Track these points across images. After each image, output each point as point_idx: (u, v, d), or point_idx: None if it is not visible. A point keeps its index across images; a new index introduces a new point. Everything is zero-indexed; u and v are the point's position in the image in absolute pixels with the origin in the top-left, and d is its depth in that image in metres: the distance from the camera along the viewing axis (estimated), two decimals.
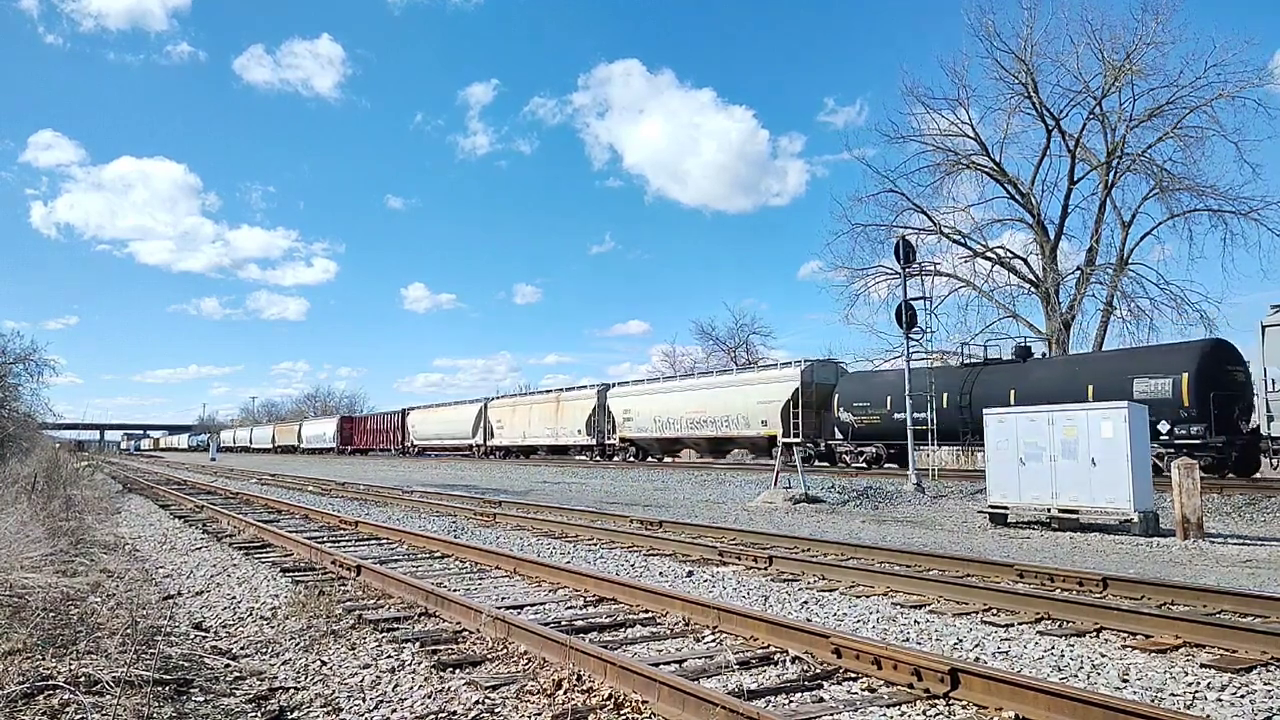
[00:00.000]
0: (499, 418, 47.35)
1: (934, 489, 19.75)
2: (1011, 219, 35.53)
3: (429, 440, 56.15)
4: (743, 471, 26.86)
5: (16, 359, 42.53)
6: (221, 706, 4.91)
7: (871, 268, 35.80)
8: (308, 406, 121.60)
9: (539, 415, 43.60)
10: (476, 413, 49.64)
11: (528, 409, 45.13)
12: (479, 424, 49.19)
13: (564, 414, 41.42)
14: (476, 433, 49.31)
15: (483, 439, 48.79)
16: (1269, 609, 6.89)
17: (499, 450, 47.45)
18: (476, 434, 49.29)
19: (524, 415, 45.09)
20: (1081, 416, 13.74)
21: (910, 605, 7.48)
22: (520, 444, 45.30)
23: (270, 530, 13.13)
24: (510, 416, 46.38)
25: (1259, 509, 15.22)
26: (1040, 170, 33.90)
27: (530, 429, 44.06)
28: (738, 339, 56.71)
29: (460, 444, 51.69)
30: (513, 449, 46.18)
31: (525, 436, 44.58)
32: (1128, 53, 30.61)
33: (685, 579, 9.01)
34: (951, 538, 13.15)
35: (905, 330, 20.94)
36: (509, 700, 4.76)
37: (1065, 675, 5.28)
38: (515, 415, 45.92)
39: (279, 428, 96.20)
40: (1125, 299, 31.81)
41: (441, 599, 7.16)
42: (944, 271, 35.35)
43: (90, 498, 21.16)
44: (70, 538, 11.82)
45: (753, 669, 5.40)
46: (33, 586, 7.51)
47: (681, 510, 17.82)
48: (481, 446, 49.07)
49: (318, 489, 26.04)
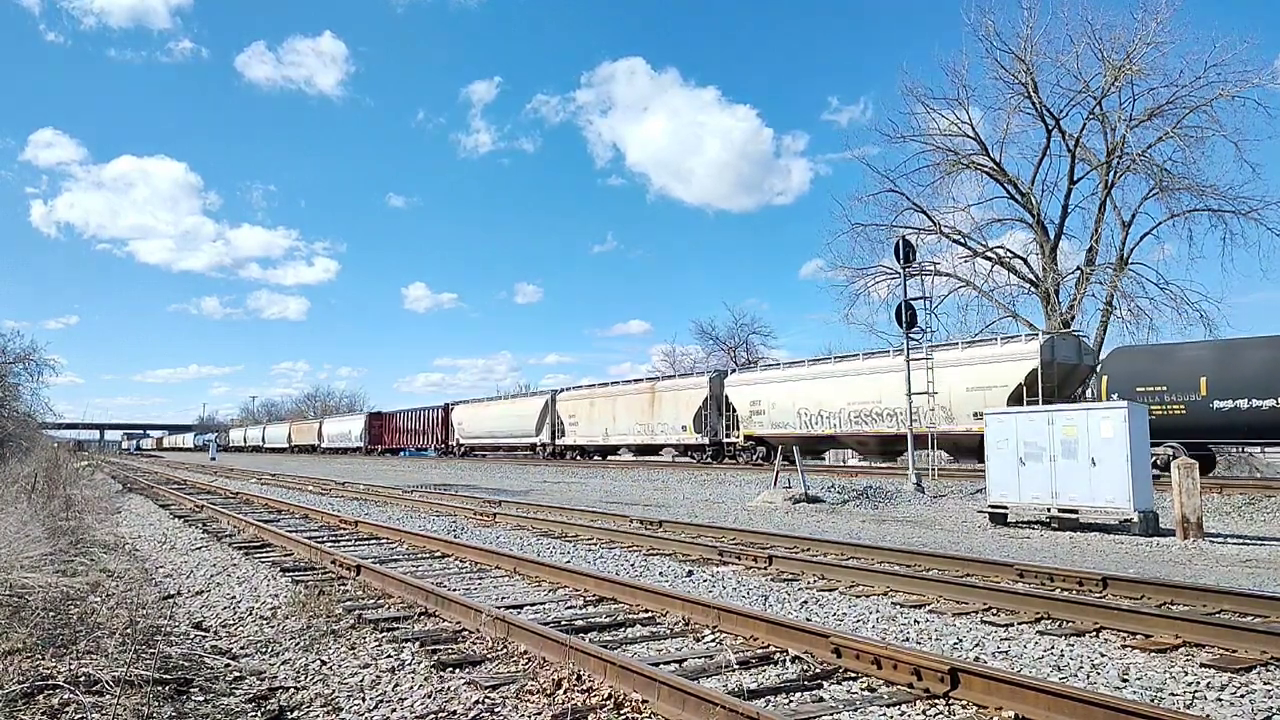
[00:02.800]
0: (572, 412, 40.68)
1: (934, 489, 19.75)
2: (1011, 219, 35.57)
3: (479, 439, 49.97)
4: (742, 471, 26.85)
5: (16, 359, 42.65)
6: (221, 706, 4.92)
7: (872, 267, 35.81)
8: (307, 406, 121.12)
9: (627, 409, 36.83)
10: (542, 407, 43.10)
11: (610, 402, 38.28)
12: (545, 420, 42.72)
13: (661, 407, 34.75)
14: (541, 430, 42.92)
15: (549, 437, 42.35)
16: (1269, 609, 6.89)
17: (572, 450, 41.04)
18: (541, 431, 42.93)
19: (605, 409, 38.30)
20: (1081, 416, 13.74)
21: (910, 605, 7.48)
22: (600, 443, 38.67)
23: (270, 530, 13.13)
24: (587, 411, 39.65)
25: (1259, 509, 15.22)
26: (1040, 170, 33.94)
27: (615, 425, 37.39)
28: (737, 339, 56.62)
29: (520, 443, 45.44)
30: (589, 449, 39.96)
31: (608, 434, 37.87)
32: (1128, 52, 30.63)
33: (685, 579, 9.01)
34: (951, 537, 13.15)
35: (905, 330, 20.93)
36: (509, 700, 4.76)
37: (1065, 675, 5.28)
38: (594, 409, 39.11)
39: (296, 426, 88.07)
40: (1125, 299, 31.84)
41: (441, 599, 7.16)
42: (944, 271, 35.38)
43: (90, 497, 21.17)
44: (70, 537, 11.83)
45: (752, 669, 5.40)
46: (33, 586, 7.52)
47: (681, 510, 17.82)
48: (548, 446, 42.60)
49: (318, 488, 26.04)
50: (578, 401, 40.70)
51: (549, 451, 42.58)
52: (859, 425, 26.14)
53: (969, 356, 23.59)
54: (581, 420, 39.92)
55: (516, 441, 45.74)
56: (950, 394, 22.99)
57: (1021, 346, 22.63)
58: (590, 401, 39.74)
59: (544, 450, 43.03)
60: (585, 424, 39.58)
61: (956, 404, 23.08)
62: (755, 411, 29.76)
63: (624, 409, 37.09)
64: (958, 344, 24.66)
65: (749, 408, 30.10)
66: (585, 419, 39.65)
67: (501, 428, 46.91)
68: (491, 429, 48.12)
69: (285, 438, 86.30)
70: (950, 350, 24.32)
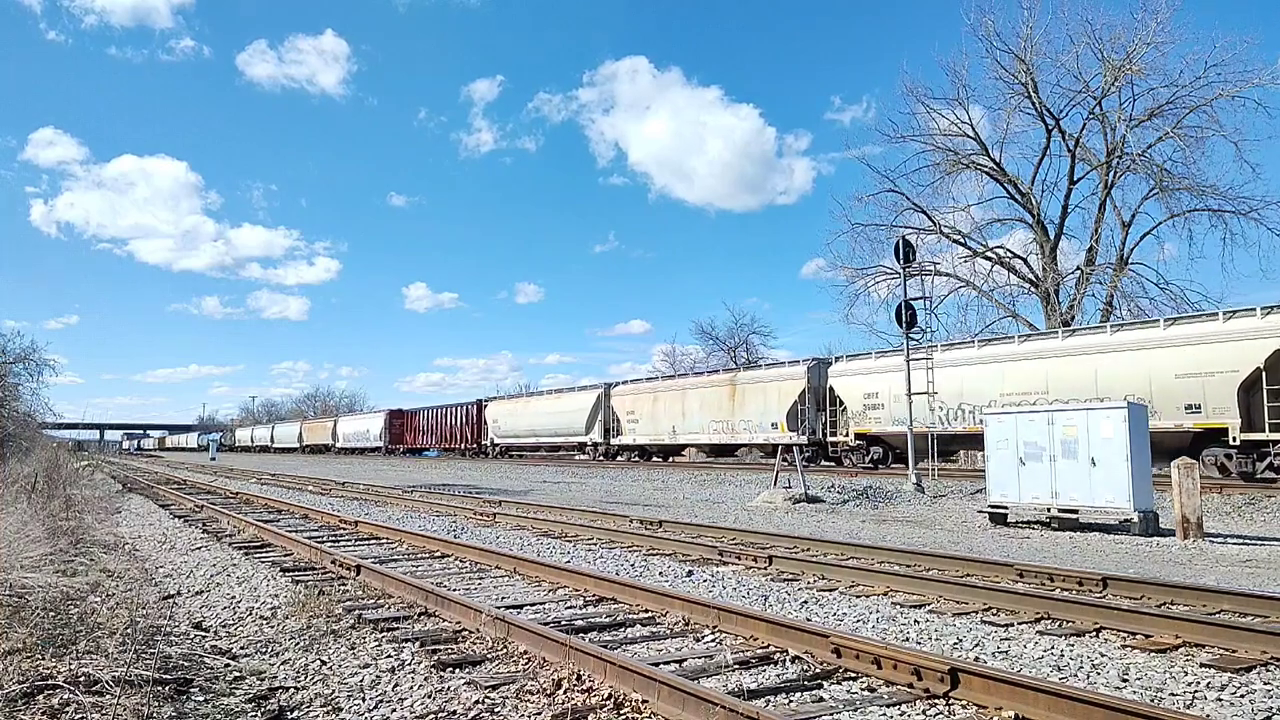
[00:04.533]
0: (630, 408, 36.75)
1: (934, 489, 19.75)
2: (1011, 219, 35.64)
3: (517, 438, 46.06)
4: (742, 471, 26.83)
5: (16, 359, 42.60)
6: (221, 706, 4.91)
7: (872, 267, 35.83)
8: (307, 406, 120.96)
9: (700, 404, 32.63)
10: (594, 402, 39.05)
11: (679, 396, 34.05)
12: (597, 417, 38.77)
13: (745, 401, 30.40)
14: (592, 428, 39.10)
15: (602, 436, 38.51)
16: (1269, 609, 6.89)
17: (630, 451, 37.34)
18: (592, 429, 39.10)
19: (671, 404, 34.28)
20: (1081, 416, 13.74)
21: (910, 605, 7.48)
22: (665, 442, 34.64)
23: (270, 530, 13.13)
24: (649, 406, 35.44)
25: (1259, 509, 15.22)
26: (1040, 170, 34.01)
27: (685, 422, 33.27)
28: (737, 339, 56.58)
29: (566, 443, 41.85)
30: (651, 449, 36.17)
31: (675, 432, 33.91)
32: (1127, 52, 30.68)
33: (685, 579, 9.01)
34: (951, 537, 13.15)
35: (905, 330, 20.93)
36: (509, 700, 4.76)
37: (1065, 675, 5.28)
38: (659, 405, 34.93)
39: (309, 425, 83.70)
40: (1125, 299, 31.90)
41: (441, 599, 7.16)
42: (944, 271, 35.44)
43: (90, 497, 21.17)
44: (70, 537, 11.82)
45: (752, 668, 5.40)
46: (33, 586, 7.51)
47: (681, 510, 17.82)
48: (601, 446, 38.68)
49: (318, 489, 26.04)
50: (638, 396, 36.51)
51: (601, 452, 38.79)
52: None
53: (1177, 336, 19.38)
54: (643, 417, 35.80)
55: (562, 441, 42.00)
56: (1151, 382, 19.18)
57: (1257, 322, 18.14)
58: (653, 396, 35.48)
59: (595, 451, 39.20)
60: (647, 421, 35.50)
61: (1161, 395, 18.99)
62: (871, 405, 25.00)
63: (696, 404, 32.70)
64: (1158, 322, 20.57)
65: (862, 401, 25.45)
66: (647, 416, 35.51)
67: (545, 426, 43.02)
68: (533, 427, 44.19)
69: (296, 437, 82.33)
70: (1149, 329, 20.35)
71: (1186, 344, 19.17)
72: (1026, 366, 21.97)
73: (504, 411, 47.48)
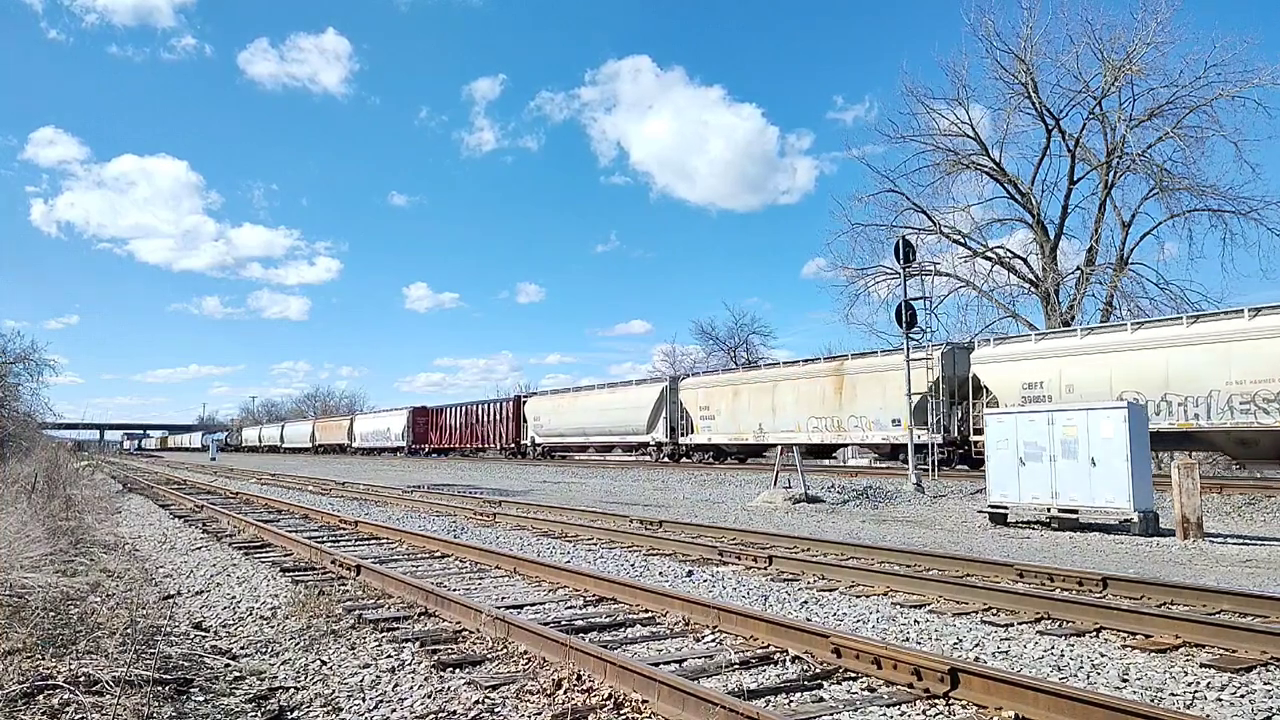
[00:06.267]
0: (705, 402, 32.48)
1: (934, 489, 19.75)
2: (1011, 219, 35.65)
3: (563, 437, 42.17)
4: (742, 471, 26.82)
5: (16, 359, 42.65)
6: (221, 706, 4.92)
7: (872, 267, 35.82)
8: (307, 406, 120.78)
9: (795, 397, 28.32)
10: (657, 397, 34.89)
11: (767, 389, 29.60)
12: (661, 413, 34.66)
13: (857, 394, 26.29)
14: (655, 426, 34.99)
15: (667, 434, 34.35)
16: (1269, 609, 6.89)
17: (705, 451, 33.20)
18: (655, 427, 35.00)
19: (757, 398, 29.98)
20: (1081, 416, 13.74)
21: (910, 605, 7.48)
22: (749, 441, 30.37)
23: (270, 530, 13.13)
24: (729, 401, 31.27)
25: (1259, 509, 15.23)
26: (1040, 170, 34.02)
27: (775, 419, 28.93)
28: (737, 339, 56.50)
29: (625, 442, 37.85)
30: (731, 449, 32.05)
31: (763, 430, 29.50)
32: (1127, 52, 30.69)
33: (685, 579, 9.01)
34: (951, 537, 13.15)
35: (905, 330, 20.91)
36: (509, 700, 4.76)
37: (1065, 675, 5.28)
38: (740, 399, 30.77)
39: (322, 423, 78.40)
40: (1125, 299, 31.90)
41: (441, 599, 7.16)
42: (944, 271, 35.45)
43: (90, 497, 21.17)
44: (70, 537, 11.82)
45: (752, 669, 5.40)
46: (33, 586, 7.51)
47: (681, 510, 17.82)
48: (666, 446, 34.56)
49: (318, 489, 26.05)
50: (714, 390, 32.33)
51: (666, 453, 34.61)
52: (1245, 415, 17.54)
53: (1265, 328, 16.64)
54: (721, 413, 31.54)
55: (617, 440, 37.99)
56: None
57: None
58: (733, 389, 31.24)
59: (660, 451, 34.96)
60: (726, 418, 31.23)
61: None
62: (1035, 397, 21.09)
63: (790, 397, 28.49)
64: (1242, 312, 18.14)
65: (1020, 392, 21.33)
66: (726, 411, 31.29)
67: (596, 424, 38.89)
68: (581, 425, 40.05)
69: (308, 436, 77.46)
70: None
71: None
72: (1263, 349, 18.03)
73: (548, 408, 43.14)
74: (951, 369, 23.84)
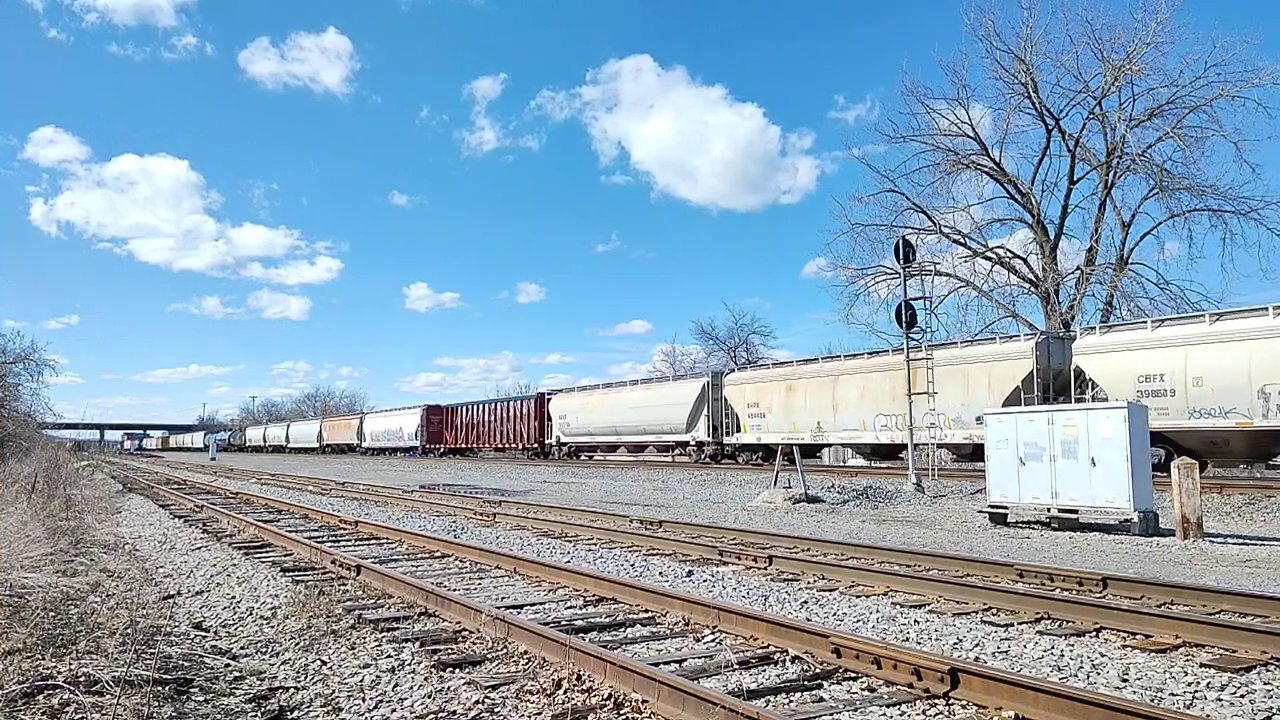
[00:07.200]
0: (754, 399, 29.83)
1: (934, 489, 19.75)
2: (1011, 219, 35.65)
3: (592, 437, 39.92)
4: (742, 471, 26.82)
5: (16, 359, 42.66)
6: (221, 706, 4.92)
7: (872, 267, 35.81)
8: (307, 406, 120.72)
9: (860, 392, 25.72)
10: (698, 393, 32.35)
11: (827, 383, 26.97)
12: (702, 410, 32.23)
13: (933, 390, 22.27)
14: (695, 424, 32.57)
15: (709, 433, 32.01)
16: (1269, 609, 6.89)
17: (754, 451, 30.34)
18: (695, 426, 32.60)
19: (816, 394, 27.32)
20: (1081, 416, 13.74)
21: (910, 605, 7.48)
22: (806, 440, 27.05)
23: (270, 530, 13.13)
24: (782, 397, 28.63)
25: (1259, 509, 15.22)
26: (1040, 170, 34.02)
27: (836, 417, 26.45)
28: (737, 338, 56.44)
29: (659, 441, 35.58)
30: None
31: (821, 429, 26.93)
32: (1128, 52, 30.68)
33: (685, 579, 9.01)
34: (951, 537, 13.15)
35: (905, 330, 20.91)
36: (509, 700, 4.76)
37: (1065, 675, 5.28)
38: (795, 395, 28.10)
39: (330, 422, 76.08)
40: (1125, 299, 31.92)
41: (441, 599, 7.16)
42: (944, 271, 35.46)
43: (90, 497, 21.18)
44: (70, 537, 11.82)
45: (752, 669, 5.40)
46: (33, 586, 7.51)
47: (681, 510, 17.82)
48: (708, 445, 32.24)
49: (317, 489, 26.05)
50: (764, 385, 29.67)
51: (709, 453, 32.29)
52: None
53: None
54: (772, 409, 29.06)
55: (653, 440, 35.82)
56: None
57: None
58: (786, 385, 28.66)
59: (700, 451, 32.69)
60: (779, 415, 28.79)
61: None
62: (1153, 391, 18.47)
63: (854, 393, 25.91)
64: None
65: (1135, 386, 18.91)
66: (779, 409, 28.79)
67: (630, 422, 36.53)
68: (613, 424, 37.64)
69: (315, 436, 75.47)
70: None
71: None
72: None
73: (575, 406, 40.68)
74: (1047, 361, 21.72)
